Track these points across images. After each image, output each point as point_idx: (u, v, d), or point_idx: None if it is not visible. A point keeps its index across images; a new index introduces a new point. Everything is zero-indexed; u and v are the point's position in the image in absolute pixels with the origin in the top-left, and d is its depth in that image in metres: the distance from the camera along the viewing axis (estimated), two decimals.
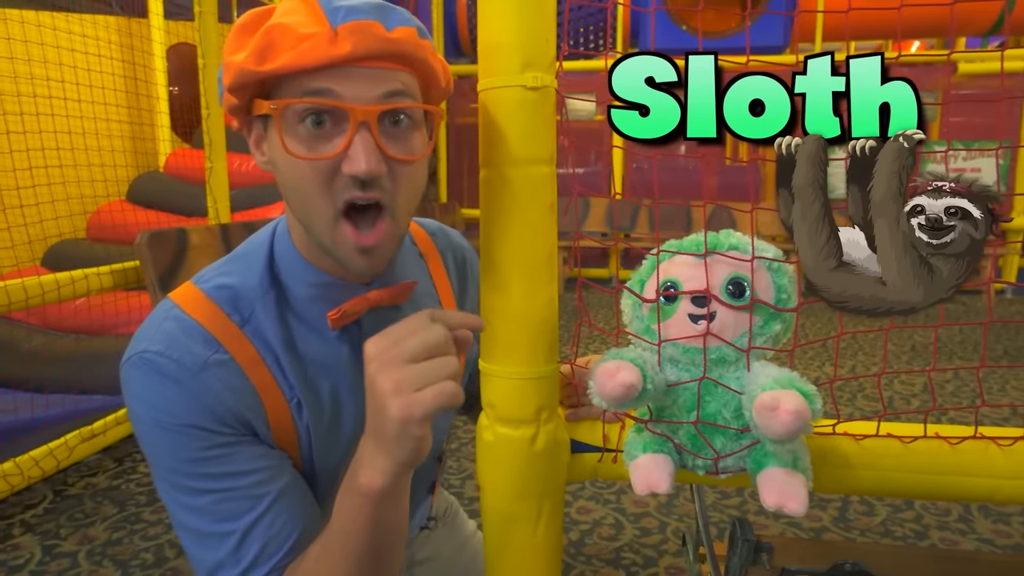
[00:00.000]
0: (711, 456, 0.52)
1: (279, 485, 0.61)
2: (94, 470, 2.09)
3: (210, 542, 0.59)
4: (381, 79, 0.56)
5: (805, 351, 3.49)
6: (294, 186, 0.58)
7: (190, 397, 0.59)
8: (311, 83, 0.54)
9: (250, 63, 0.54)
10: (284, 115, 0.56)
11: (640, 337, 0.54)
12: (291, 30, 0.53)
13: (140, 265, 1.67)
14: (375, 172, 0.55)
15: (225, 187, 2.27)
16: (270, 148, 0.60)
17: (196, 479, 0.59)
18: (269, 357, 0.63)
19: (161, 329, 0.61)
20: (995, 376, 3.11)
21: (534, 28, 0.52)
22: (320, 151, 0.56)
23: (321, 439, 0.66)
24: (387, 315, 0.68)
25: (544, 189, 0.54)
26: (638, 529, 1.76)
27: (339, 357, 0.67)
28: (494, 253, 0.56)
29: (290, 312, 0.65)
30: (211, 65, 2.15)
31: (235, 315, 0.63)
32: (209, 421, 0.59)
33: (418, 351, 0.51)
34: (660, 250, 0.54)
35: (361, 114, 0.54)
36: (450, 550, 0.93)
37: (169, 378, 0.59)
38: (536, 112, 0.53)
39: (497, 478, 0.58)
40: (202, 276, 0.67)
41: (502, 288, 0.56)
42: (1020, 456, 0.55)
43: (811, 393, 0.46)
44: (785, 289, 0.52)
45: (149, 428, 0.59)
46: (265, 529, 0.59)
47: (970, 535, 1.72)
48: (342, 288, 0.66)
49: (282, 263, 0.66)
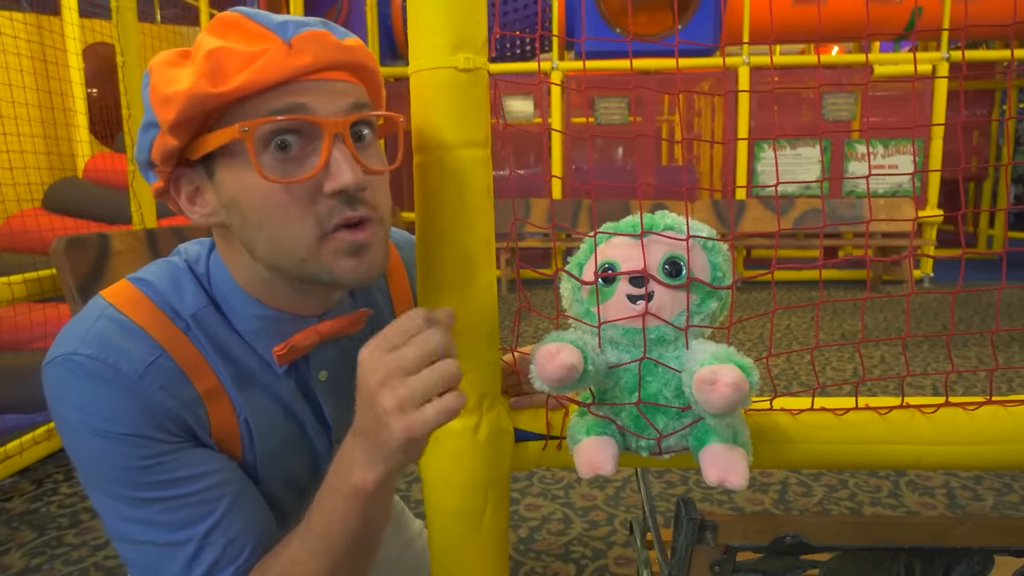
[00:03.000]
0: (654, 436, 0.52)
1: (234, 488, 0.57)
2: (9, 494, 1.95)
3: (164, 552, 0.55)
4: (343, 91, 0.53)
5: (743, 342, 3.61)
6: (267, 222, 0.53)
7: (130, 404, 0.53)
8: (274, 102, 0.50)
9: (203, 86, 0.49)
10: (254, 138, 0.50)
11: (580, 320, 0.54)
12: (236, 51, 0.49)
13: (57, 273, 1.57)
14: (363, 182, 0.52)
15: (150, 192, 2.16)
16: (226, 192, 0.54)
17: (142, 488, 0.54)
18: (216, 364, 0.59)
19: (93, 330, 0.55)
20: (917, 359, 3.29)
21: (464, 9, 0.51)
22: (295, 175, 0.51)
23: (262, 459, 0.63)
24: (339, 347, 0.65)
25: (479, 172, 0.53)
26: (587, 522, 1.77)
27: (283, 390, 0.63)
28: (431, 239, 0.54)
29: (231, 332, 0.61)
30: (131, 63, 2.04)
31: (178, 320, 0.58)
32: (151, 429, 0.54)
33: (418, 360, 0.48)
34: (597, 232, 0.54)
35: (333, 127, 0.51)
36: (396, 549, 0.91)
37: (105, 383, 0.53)
38: (468, 94, 0.52)
39: (440, 470, 0.56)
40: (138, 275, 0.61)
41: (439, 275, 0.54)
42: (942, 423, 0.57)
43: (748, 366, 0.46)
44: (720, 267, 0.53)
45: (81, 435, 0.53)
46: (222, 534, 0.55)
47: (900, 508, 1.81)
48: (289, 321, 0.61)
49: (220, 295, 0.61)
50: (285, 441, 0.64)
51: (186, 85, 0.49)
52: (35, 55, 3.38)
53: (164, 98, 0.50)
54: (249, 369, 0.61)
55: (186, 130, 0.51)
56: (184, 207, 0.57)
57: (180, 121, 0.50)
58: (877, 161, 5.22)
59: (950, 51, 5.15)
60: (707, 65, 5.32)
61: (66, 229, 2.95)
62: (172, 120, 0.50)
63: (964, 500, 1.86)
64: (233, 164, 0.52)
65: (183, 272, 0.61)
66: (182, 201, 0.57)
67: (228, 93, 0.49)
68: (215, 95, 0.49)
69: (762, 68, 5.22)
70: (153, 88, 0.52)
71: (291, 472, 0.66)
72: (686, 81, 5.53)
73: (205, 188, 0.56)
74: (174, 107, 0.49)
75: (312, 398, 0.65)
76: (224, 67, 0.49)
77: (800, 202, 5.33)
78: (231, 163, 0.53)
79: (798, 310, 4.52)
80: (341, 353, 0.66)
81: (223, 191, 0.54)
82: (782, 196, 5.43)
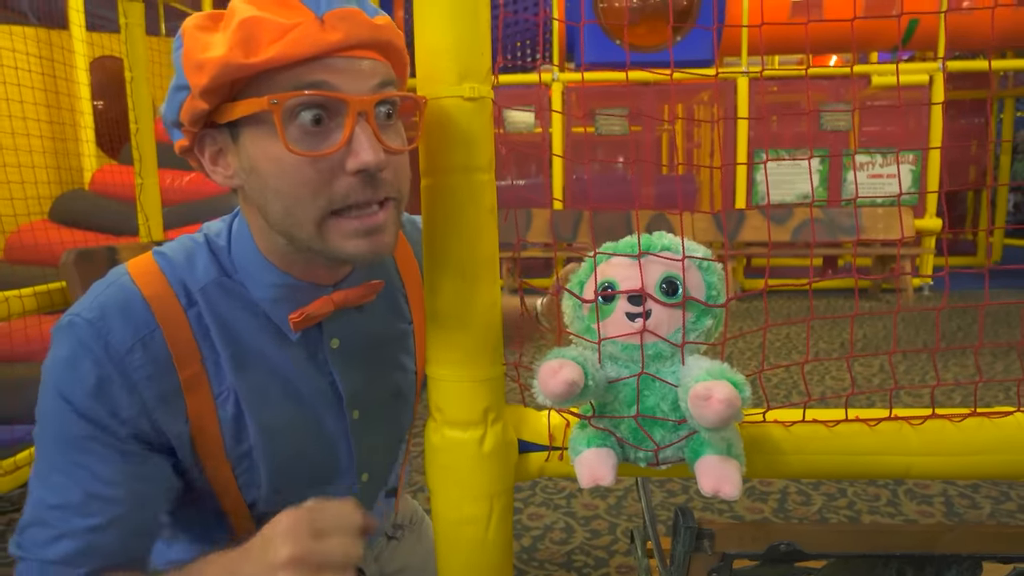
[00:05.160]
0: (651, 448, 0.54)
1: (119, 512, 0.58)
2: (18, 505, 1.97)
3: (46, 513, 0.57)
4: (370, 70, 0.55)
5: (742, 351, 3.62)
6: (284, 191, 0.55)
7: (104, 381, 0.57)
8: (303, 76, 0.52)
9: (236, 56, 0.50)
10: (282, 111, 0.52)
11: (581, 336, 0.56)
12: (271, 21, 0.51)
13: (66, 286, 1.59)
14: (383, 162, 0.54)
15: (157, 203, 2.19)
16: (248, 157, 0.56)
17: (60, 453, 0.57)
18: (206, 346, 0.61)
19: (100, 297, 0.59)
20: (916, 368, 3.31)
21: (470, 41, 0.54)
22: (318, 149, 0.53)
23: (263, 434, 0.64)
24: (351, 317, 0.68)
25: (484, 194, 0.56)
26: (588, 531, 1.79)
27: (292, 361, 0.65)
28: (437, 259, 0.57)
29: (241, 306, 0.63)
30: (139, 79, 2.08)
31: (183, 296, 0.61)
32: (104, 415, 0.57)
33: (329, 525, 0.51)
34: (597, 252, 0.56)
35: (358, 105, 0.53)
36: (419, 559, 0.91)
37: (89, 353, 0.57)
38: (474, 121, 0.55)
39: (447, 481, 0.59)
40: (161, 248, 0.64)
41: (446, 293, 0.57)
42: (930, 435, 0.59)
43: (740, 382, 0.49)
44: (715, 286, 0.55)
45: (47, 389, 0.58)
46: (92, 535, 0.57)
47: (898, 517, 1.83)
48: (305, 290, 0.64)
49: (240, 264, 0.63)
50: (289, 420, 0.66)
51: (219, 53, 0.51)
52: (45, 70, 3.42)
53: (197, 64, 0.52)
54: (253, 345, 0.63)
55: (215, 95, 0.53)
56: (207, 166, 0.59)
57: (211, 88, 0.52)
58: (876, 171, 5.26)
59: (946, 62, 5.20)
60: (703, 74, 5.35)
61: (74, 241, 2.98)
62: (204, 86, 0.52)
63: (961, 508, 1.87)
64: (258, 132, 0.55)
65: (200, 246, 0.64)
66: (205, 160, 0.59)
67: (259, 64, 0.51)
68: (247, 66, 0.51)
69: (762, 79, 5.26)
70: (186, 52, 0.54)
71: (304, 456, 0.67)
72: (685, 92, 5.58)
73: (228, 151, 0.58)
74: (206, 74, 0.51)
75: (324, 367, 0.68)
76: (257, 37, 0.50)
77: (799, 211, 5.35)
78: (256, 131, 0.55)
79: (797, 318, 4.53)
80: (351, 322, 0.68)
81: (245, 156, 0.56)
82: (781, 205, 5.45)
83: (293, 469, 0.67)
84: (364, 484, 0.74)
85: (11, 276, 2.71)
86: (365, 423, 0.71)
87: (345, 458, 0.71)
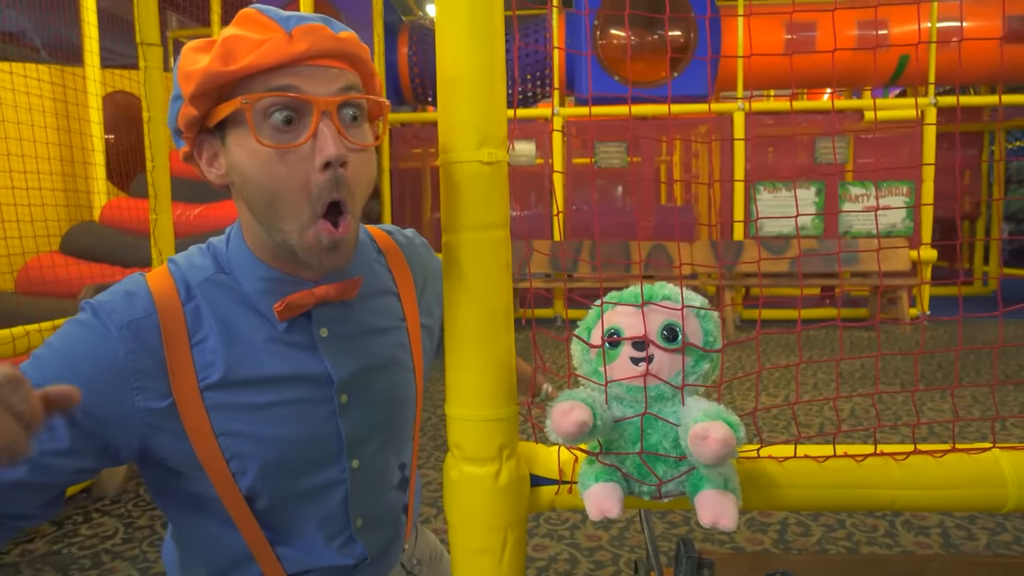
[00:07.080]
0: (655, 482, 0.59)
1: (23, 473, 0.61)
2: (30, 535, 1.99)
3: None
4: (334, 76, 0.63)
5: (742, 382, 3.66)
6: (265, 186, 0.62)
7: (83, 355, 0.63)
8: (273, 81, 0.60)
9: (216, 65, 0.59)
10: (254, 109, 0.60)
11: (589, 379, 0.61)
12: (247, 38, 0.60)
13: None
14: (344, 156, 0.61)
15: (171, 238, 2.25)
16: (232, 155, 0.64)
17: None
18: (198, 335, 0.68)
19: (116, 287, 0.68)
20: (910, 399, 3.34)
21: (489, 111, 0.60)
22: (288, 143, 0.61)
23: (258, 419, 0.69)
24: (338, 309, 0.74)
25: (500, 250, 0.61)
26: (592, 562, 1.81)
27: (282, 350, 0.71)
28: (458, 309, 0.62)
29: (235, 299, 0.70)
30: (156, 119, 2.16)
31: (183, 292, 0.69)
32: (82, 387, 0.60)
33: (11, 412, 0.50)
34: (604, 301, 0.62)
35: (323, 104, 0.60)
36: None
37: (89, 330, 0.64)
38: (491, 183, 0.61)
39: (465, 513, 0.63)
40: (173, 256, 0.73)
41: (465, 340, 0.62)
42: (913, 469, 0.64)
43: (736, 423, 0.53)
44: (711, 332, 0.60)
45: (46, 343, 0.65)
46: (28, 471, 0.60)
47: (896, 548, 1.85)
48: (290, 283, 0.71)
49: (234, 261, 0.71)
50: (277, 402, 0.70)
51: (202, 65, 0.60)
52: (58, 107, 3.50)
53: (186, 75, 0.61)
54: (245, 333, 0.70)
55: (203, 101, 0.62)
56: (204, 169, 0.68)
57: (197, 94, 0.61)
58: (871, 202, 5.35)
59: (937, 96, 5.33)
60: (703, 110, 5.49)
61: (81, 275, 3.03)
62: (191, 92, 0.61)
63: (958, 539, 1.89)
64: (238, 132, 0.63)
65: (202, 250, 0.73)
66: (203, 163, 0.68)
67: (235, 71, 0.60)
68: (225, 73, 0.60)
69: (756, 113, 5.38)
70: (180, 67, 0.63)
71: (292, 439, 0.71)
72: (683, 126, 5.70)
73: (219, 152, 0.66)
74: (192, 82, 0.60)
75: (315, 354, 0.73)
76: (235, 51, 0.60)
77: (795, 243, 5.43)
78: (237, 131, 0.63)
79: (797, 347, 4.57)
80: (339, 314, 0.75)
81: (230, 154, 0.64)
82: (778, 237, 5.54)
83: (283, 452, 0.71)
84: (354, 470, 0.77)
85: (26, 307, 2.76)
86: (355, 409, 0.76)
87: (335, 443, 0.75)
